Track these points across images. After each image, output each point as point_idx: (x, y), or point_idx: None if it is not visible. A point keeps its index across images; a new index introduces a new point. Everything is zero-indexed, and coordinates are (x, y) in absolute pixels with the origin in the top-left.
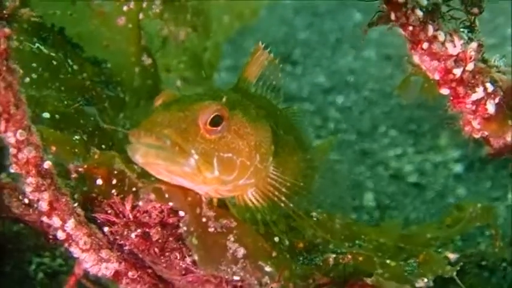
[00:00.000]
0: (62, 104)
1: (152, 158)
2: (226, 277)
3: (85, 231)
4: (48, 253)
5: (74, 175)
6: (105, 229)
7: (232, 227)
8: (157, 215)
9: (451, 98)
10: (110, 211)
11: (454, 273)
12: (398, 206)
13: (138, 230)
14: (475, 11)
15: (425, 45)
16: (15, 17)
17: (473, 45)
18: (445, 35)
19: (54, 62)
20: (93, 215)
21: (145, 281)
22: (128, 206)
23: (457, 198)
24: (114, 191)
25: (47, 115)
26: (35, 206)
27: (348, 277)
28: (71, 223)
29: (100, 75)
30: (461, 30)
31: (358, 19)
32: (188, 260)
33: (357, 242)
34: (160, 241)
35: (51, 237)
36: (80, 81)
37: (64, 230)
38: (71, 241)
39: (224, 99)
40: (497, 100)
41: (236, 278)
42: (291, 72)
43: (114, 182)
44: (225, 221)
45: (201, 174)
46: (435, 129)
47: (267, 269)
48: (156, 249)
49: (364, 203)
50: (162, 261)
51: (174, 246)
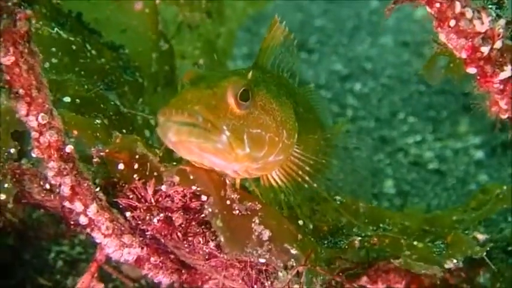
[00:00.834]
0: (82, 89)
1: (185, 135)
2: (251, 260)
3: (107, 216)
4: (67, 241)
5: (95, 159)
6: (127, 214)
7: (257, 209)
8: (180, 200)
9: (478, 77)
10: (131, 196)
11: (484, 253)
12: (419, 193)
13: (161, 215)
14: None
15: (452, 23)
16: None
17: (502, 22)
18: (473, 12)
19: (73, 47)
20: (115, 200)
21: (167, 266)
22: (150, 191)
23: (478, 184)
24: (136, 176)
25: (67, 99)
26: (57, 191)
27: (374, 260)
28: (93, 208)
29: (118, 61)
30: (489, 6)
31: (375, 5)
32: (212, 245)
33: (381, 225)
34: (183, 226)
35: (73, 222)
36: (100, 65)
37: (86, 215)
38: (93, 226)
39: (250, 75)
40: None
41: (261, 261)
42: (306, 59)
43: (136, 166)
44: (250, 203)
45: (233, 151)
46: (454, 116)
47: (293, 251)
48: (178, 234)
49: (384, 190)
50: (185, 246)
51: (197, 231)
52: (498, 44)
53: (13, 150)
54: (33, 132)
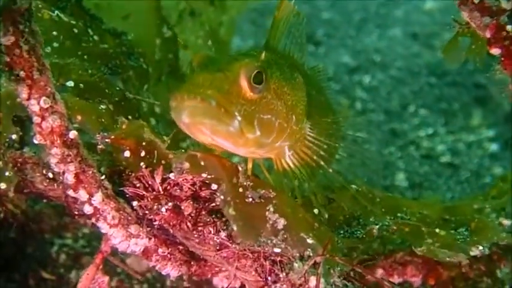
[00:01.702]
0: (86, 73)
1: (200, 117)
2: (265, 251)
3: (113, 205)
4: (70, 234)
5: (100, 146)
6: (134, 203)
7: (271, 197)
8: (189, 188)
9: (502, 58)
10: (138, 184)
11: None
12: (432, 186)
13: (169, 204)
14: None
15: None
16: None
17: None
18: None
19: (75, 30)
20: (121, 189)
21: (176, 258)
22: (158, 179)
23: (493, 177)
24: (142, 163)
25: (71, 84)
26: (60, 179)
27: (391, 252)
28: (98, 196)
29: (121, 47)
30: None
31: None
32: (223, 235)
33: (398, 214)
34: (192, 215)
35: (77, 212)
36: (103, 50)
37: (91, 204)
38: (98, 216)
39: (262, 56)
40: None
41: (276, 251)
42: (313, 52)
43: (143, 153)
44: (263, 190)
45: (243, 136)
46: (467, 108)
47: (309, 241)
48: (188, 224)
49: (396, 183)
50: (195, 236)
51: (208, 220)
52: None
53: (15, 137)
54: (35, 117)
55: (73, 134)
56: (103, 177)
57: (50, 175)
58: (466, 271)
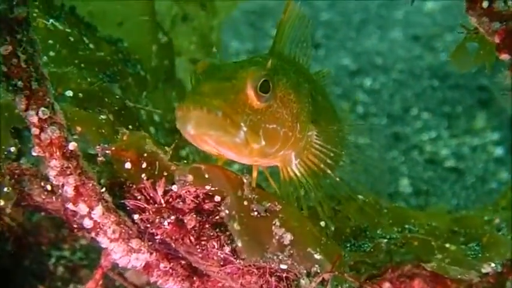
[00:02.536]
0: (84, 82)
1: (205, 128)
2: (271, 267)
3: (114, 219)
4: (67, 246)
5: (100, 158)
6: (135, 217)
7: (277, 210)
8: (192, 200)
9: None
10: (140, 197)
11: None
12: (437, 191)
13: (171, 217)
14: None
15: (485, 4)
16: None
17: None
18: None
19: (71, 38)
20: (122, 202)
21: (178, 273)
22: (160, 191)
23: (499, 183)
24: (144, 175)
25: (69, 93)
26: (59, 192)
27: (397, 264)
28: (98, 210)
29: (118, 54)
30: None
31: None
32: (227, 249)
33: (406, 226)
34: (195, 229)
35: (76, 226)
36: (100, 57)
37: (91, 218)
38: (98, 230)
39: (269, 64)
40: None
41: (282, 267)
42: (313, 55)
43: (144, 165)
44: (269, 203)
45: (248, 146)
46: (470, 111)
47: (317, 256)
48: (191, 238)
49: (400, 189)
50: (198, 251)
51: (211, 234)
52: None
53: (13, 149)
54: (34, 128)
55: (73, 146)
56: (103, 189)
57: (48, 187)
58: (475, 284)
